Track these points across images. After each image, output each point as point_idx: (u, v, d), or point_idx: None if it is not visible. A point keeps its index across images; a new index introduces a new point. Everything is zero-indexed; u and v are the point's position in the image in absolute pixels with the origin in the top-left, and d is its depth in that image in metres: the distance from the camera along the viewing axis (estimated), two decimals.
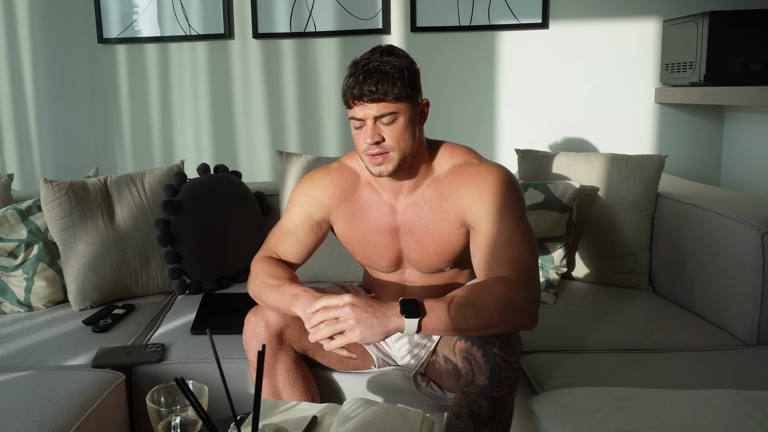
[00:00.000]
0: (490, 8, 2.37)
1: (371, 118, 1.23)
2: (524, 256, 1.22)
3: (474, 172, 1.30)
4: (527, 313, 1.19)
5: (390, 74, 1.20)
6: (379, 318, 1.13)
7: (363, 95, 1.20)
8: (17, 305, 1.88)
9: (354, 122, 1.26)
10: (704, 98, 2.10)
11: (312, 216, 1.40)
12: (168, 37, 2.45)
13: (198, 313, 1.78)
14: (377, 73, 1.20)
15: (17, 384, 1.39)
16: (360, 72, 1.21)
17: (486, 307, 1.14)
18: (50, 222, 1.88)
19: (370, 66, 1.21)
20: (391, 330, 1.13)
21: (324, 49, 2.45)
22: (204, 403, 0.95)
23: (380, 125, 1.24)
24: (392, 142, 1.24)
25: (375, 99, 1.21)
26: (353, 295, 1.16)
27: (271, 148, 2.53)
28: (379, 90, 1.20)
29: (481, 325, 1.15)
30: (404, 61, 1.24)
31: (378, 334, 1.13)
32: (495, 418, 1.18)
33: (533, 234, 1.28)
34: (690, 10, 2.27)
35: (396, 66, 1.22)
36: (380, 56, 1.23)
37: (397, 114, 1.23)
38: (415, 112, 1.27)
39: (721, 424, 1.11)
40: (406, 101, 1.23)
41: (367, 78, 1.20)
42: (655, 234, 1.99)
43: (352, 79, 1.22)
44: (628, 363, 1.48)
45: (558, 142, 2.46)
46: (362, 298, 1.17)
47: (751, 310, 1.59)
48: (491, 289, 1.17)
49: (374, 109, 1.22)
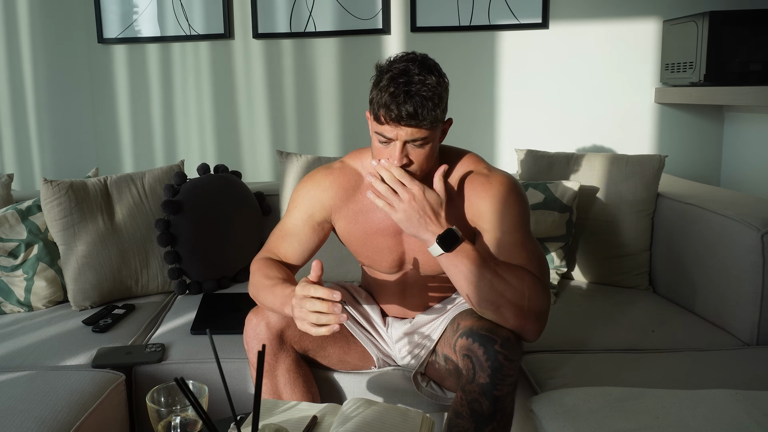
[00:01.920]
0: (490, 8, 2.37)
1: (402, 140, 1.20)
2: (538, 269, 1.26)
3: (485, 181, 1.31)
4: (536, 317, 1.22)
5: (431, 100, 1.15)
6: (420, 223, 1.20)
7: (401, 119, 1.16)
8: (17, 305, 1.88)
9: (380, 137, 1.22)
10: (704, 98, 2.10)
11: (313, 216, 1.39)
12: (168, 37, 2.45)
13: (198, 313, 1.78)
14: (418, 98, 1.14)
15: (17, 384, 1.39)
16: (400, 92, 1.14)
17: (505, 281, 1.19)
18: (50, 222, 1.88)
19: (411, 88, 1.14)
20: (421, 238, 1.22)
21: (324, 49, 2.45)
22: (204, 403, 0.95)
23: (408, 147, 1.22)
24: (417, 166, 1.24)
25: (411, 124, 1.17)
26: (421, 189, 1.20)
27: (271, 147, 2.53)
28: (418, 116, 1.15)
29: (489, 293, 1.19)
30: (442, 82, 1.19)
31: (409, 231, 1.22)
32: (496, 418, 1.18)
33: (540, 247, 1.31)
34: (690, 10, 2.27)
35: (436, 91, 1.16)
36: (419, 72, 1.16)
37: (428, 138, 1.21)
38: (441, 130, 1.26)
39: (721, 424, 1.11)
40: (438, 126, 1.22)
41: (407, 101, 1.14)
42: (655, 234, 1.99)
43: (389, 96, 1.15)
44: (628, 363, 1.48)
45: (558, 142, 2.46)
46: (425, 197, 1.20)
47: (751, 310, 1.59)
48: (518, 272, 1.22)
49: (407, 133, 1.18)
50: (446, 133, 1.30)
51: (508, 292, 1.19)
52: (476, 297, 1.20)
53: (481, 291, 1.18)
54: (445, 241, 1.20)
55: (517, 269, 1.22)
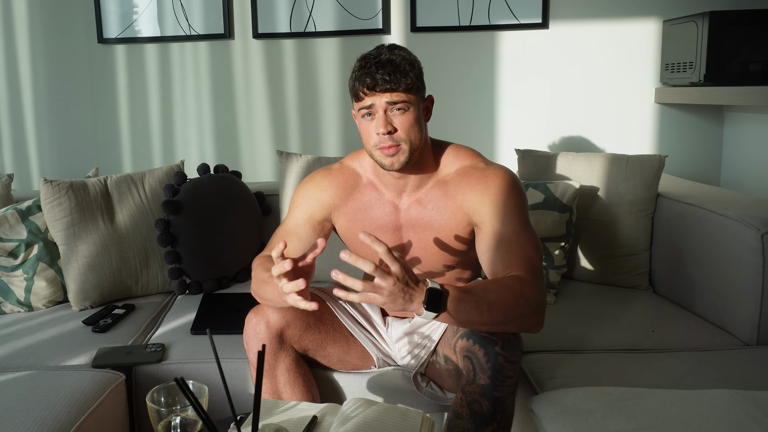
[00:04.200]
0: (490, 8, 2.37)
1: (383, 107, 1.24)
2: (535, 258, 1.25)
3: (482, 175, 1.31)
4: (537, 314, 1.21)
5: (402, 65, 1.22)
6: (405, 299, 1.13)
7: (376, 84, 1.22)
8: (17, 305, 1.88)
9: (363, 112, 1.26)
10: (704, 98, 2.10)
11: (313, 216, 1.41)
12: (168, 37, 2.45)
13: (198, 313, 1.78)
14: (390, 64, 1.22)
15: (17, 384, 1.39)
16: (371, 64, 1.23)
17: (502, 302, 1.16)
18: (50, 222, 1.88)
19: (381, 58, 1.23)
20: (409, 312, 1.17)
21: (324, 49, 2.45)
22: (204, 403, 0.95)
23: (391, 115, 1.24)
24: (403, 134, 1.25)
25: (388, 89, 1.22)
26: (401, 267, 1.11)
27: (271, 148, 2.53)
28: (392, 79, 1.21)
29: (494, 320, 1.16)
30: (411, 55, 1.27)
31: (396, 309, 1.16)
32: (496, 418, 1.18)
33: (539, 238, 1.30)
34: (690, 10, 2.27)
35: (406, 58, 1.25)
36: (389, 51, 1.25)
37: (409, 104, 1.24)
38: (422, 107, 1.29)
39: (721, 424, 1.11)
40: (415, 93, 1.25)
41: (380, 68, 1.21)
42: (655, 234, 1.99)
43: (363, 71, 1.23)
44: (628, 363, 1.48)
45: (558, 142, 2.46)
46: (404, 273, 1.11)
47: (751, 310, 1.59)
48: (508, 285, 1.19)
49: (387, 97, 1.23)
50: (430, 111, 1.33)
51: (507, 309, 1.17)
52: (482, 326, 1.18)
53: (484, 318, 1.16)
54: (433, 303, 1.12)
55: (506, 280, 1.19)
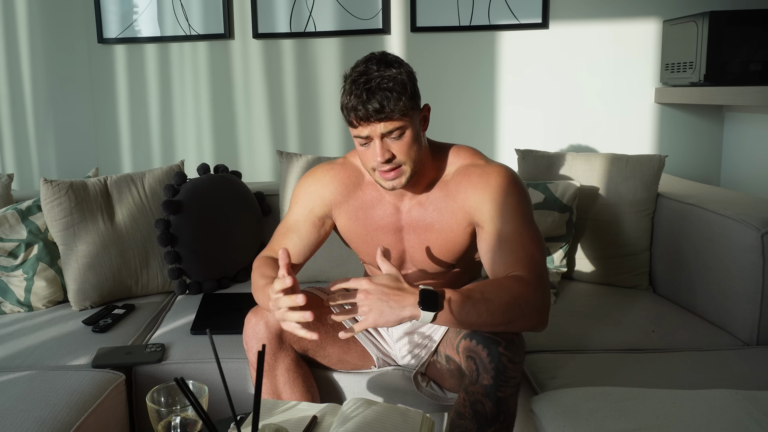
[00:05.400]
0: (490, 8, 2.37)
1: (378, 136, 1.21)
2: (537, 257, 1.23)
3: (482, 173, 1.30)
4: (539, 313, 1.20)
5: (394, 90, 1.17)
6: (393, 306, 1.12)
7: (369, 117, 1.17)
8: (17, 305, 1.88)
9: (359, 140, 1.24)
10: (704, 98, 2.10)
11: (314, 211, 1.40)
12: (168, 37, 2.45)
13: (198, 313, 1.78)
14: (380, 91, 1.16)
15: (17, 384, 1.39)
16: (362, 91, 1.17)
17: (501, 303, 1.15)
18: (50, 222, 1.88)
19: (371, 84, 1.17)
20: (405, 318, 1.13)
21: (324, 49, 2.45)
22: (204, 403, 0.95)
23: (388, 141, 1.22)
24: (403, 156, 1.23)
25: (381, 118, 1.18)
26: (369, 280, 1.14)
27: (271, 148, 2.53)
28: (385, 109, 1.17)
29: (494, 321, 1.15)
30: (402, 71, 1.21)
31: (391, 321, 1.13)
32: (499, 419, 1.18)
33: (542, 235, 1.29)
34: (690, 10, 2.27)
35: (398, 80, 1.18)
36: (378, 69, 1.19)
37: (404, 127, 1.21)
38: (419, 118, 1.26)
39: (721, 424, 1.11)
40: (411, 113, 1.22)
41: (371, 97, 1.16)
42: (655, 234, 1.99)
43: (354, 98, 1.18)
44: (628, 363, 1.48)
45: (558, 142, 2.46)
46: (378, 283, 1.13)
47: (751, 310, 1.59)
48: (507, 287, 1.17)
49: (381, 127, 1.19)
50: (428, 120, 1.30)
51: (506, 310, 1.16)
52: (482, 327, 1.17)
53: (484, 320, 1.15)
54: (428, 302, 1.11)
55: (506, 281, 1.19)
